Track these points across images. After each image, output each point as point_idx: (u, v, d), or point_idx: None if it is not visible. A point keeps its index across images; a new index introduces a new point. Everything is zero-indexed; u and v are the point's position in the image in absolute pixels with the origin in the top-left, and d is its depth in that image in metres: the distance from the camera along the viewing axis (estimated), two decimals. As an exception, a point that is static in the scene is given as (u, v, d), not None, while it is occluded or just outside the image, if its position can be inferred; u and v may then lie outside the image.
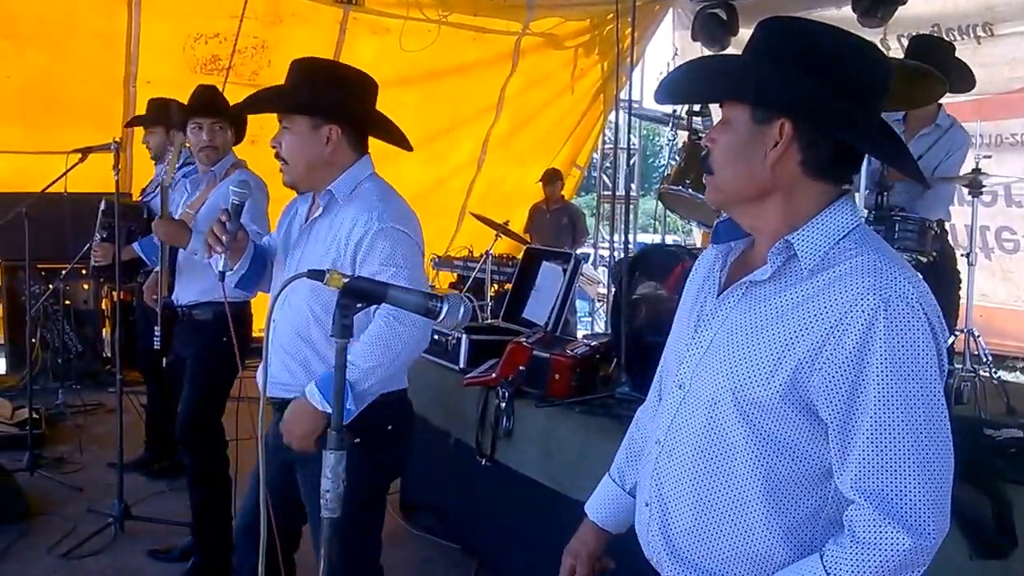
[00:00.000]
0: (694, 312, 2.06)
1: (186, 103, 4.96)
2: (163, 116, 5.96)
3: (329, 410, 2.87)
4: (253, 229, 3.52)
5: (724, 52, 10.42)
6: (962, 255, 5.74)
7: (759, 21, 1.97)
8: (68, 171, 5.50)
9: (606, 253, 12.89)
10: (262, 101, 3.38)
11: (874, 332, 1.70)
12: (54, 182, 5.60)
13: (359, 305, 2.17)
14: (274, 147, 3.15)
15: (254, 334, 5.10)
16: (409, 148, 3.32)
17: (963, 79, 5.81)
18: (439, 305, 2.22)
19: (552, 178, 11.11)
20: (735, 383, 1.85)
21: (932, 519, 1.71)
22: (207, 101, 4.91)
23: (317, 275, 2.17)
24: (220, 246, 3.10)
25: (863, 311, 1.71)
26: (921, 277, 1.82)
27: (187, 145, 4.96)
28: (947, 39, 8.51)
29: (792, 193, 1.88)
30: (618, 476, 2.38)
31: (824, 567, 1.76)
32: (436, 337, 5.34)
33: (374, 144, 3.31)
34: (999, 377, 5.50)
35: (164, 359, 5.20)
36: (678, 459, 1.97)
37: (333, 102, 3.13)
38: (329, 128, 3.09)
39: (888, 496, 1.71)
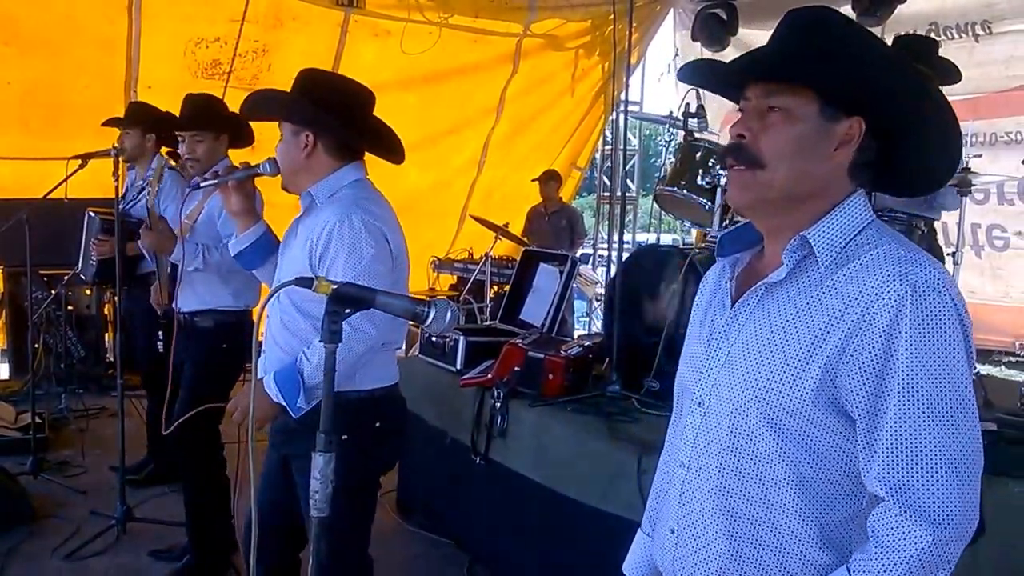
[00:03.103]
0: (705, 327, 2.00)
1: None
2: (141, 118, 6.00)
3: (281, 402, 3.07)
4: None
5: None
6: (948, 254, 5.75)
7: (792, 11, 1.84)
8: (69, 177, 5.52)
9: (605, 254, 12.89)
10: (250, 106, 3.47)
11: (901, 317, 1.64)
12: (55, 188, 5.61)
13: (347, 311, 2.19)
14: (276, 151, 3.29)
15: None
16: (399, 160, 3.40)
17: (948, 74, 5.83)
18: (426, 310, 2.24)
19: (548, 178, 11.10)
20: (760, 391, 1.78)
21: (956, 512, 1.63)
22: (185, 114, 5.02)
23: (305, 282, 2.19)
24: (212, 175, 3.38)
25: (890, 297, 1.65)
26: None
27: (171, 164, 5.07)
28: (940, 37, 8.55)
29: (830, 193, 1.82)
30: (650, 527, 2.25)
31: None
32: (433, 339, 5.39)
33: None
34: (977, 372, 5.50)
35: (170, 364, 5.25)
36: (705, 478, 1.88)
37: (307, 110, 3.23)
38: (306, 135, 3.22)
39: (912, 488, 1.65)
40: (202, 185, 3.40)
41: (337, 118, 3.25)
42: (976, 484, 1.67)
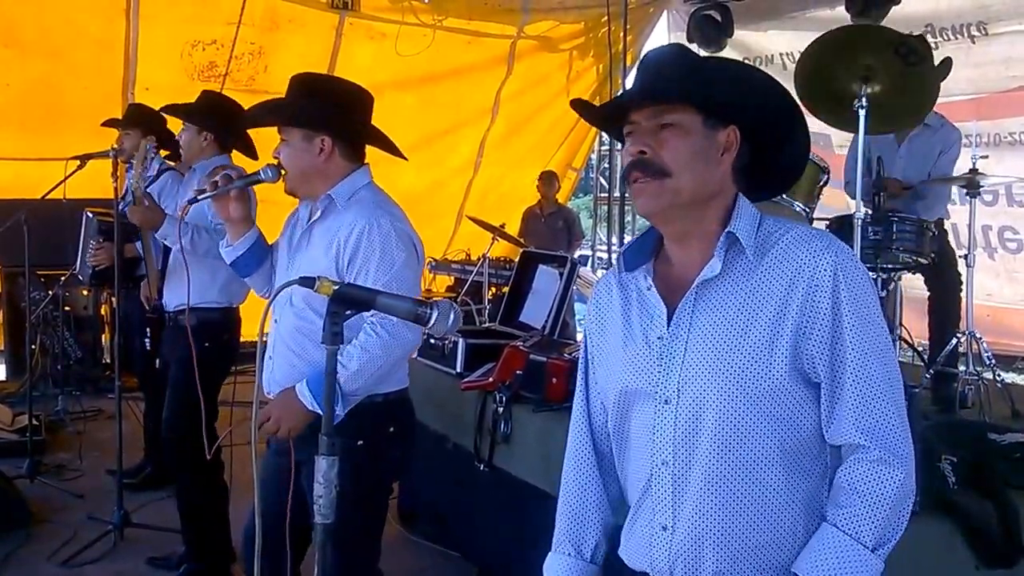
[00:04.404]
0: (637, 335, 2.07)
1: None
2: (140, 119, 5.97)
3: (318, 410, 2.98)
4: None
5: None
6: (961, 256, 5.73)
7: (651, 50, 2.11)
8: (67, 178, 5.52)
9: (604, 255, 12.89)
10: (259, 115, 3.44)
11: (838, 283, 1.88)
12: (53, 188, 5.62)
13: (348, 312, 2.18)
14: (275, 157, 3.24)
15: (248, 339, 5.10)
16: (403, 157, 3.38)
17: (943, 68, 5.81)
18: (428, 311, 2.22)
19: (550, 178, 11.19)
20: (741, 378, 1.90)
21: (908, 445, 1.89)
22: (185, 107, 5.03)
23: (308, 282, 2.18)
24: (211, 186, 3.28)
25: (825, 268, 1.89)
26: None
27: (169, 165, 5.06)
28: (935, 38, 8.58)
29: (723, 196, 2.03)
30: (573, 548, 2.28)
31: (847, 534, 1.87)
32: (432, 341, 5.34)
33: (372, 147, 3.36)
34: (1003, 380, 5.46)
35: (156, 362, 5.21)
36: (696, 470, 1.95)
37: (323, 114, 3.22)
38: (321, 139, 3.19)
39: (883, 430, 1.87)
40: (199, 198, 3.35)
41: (355, 121, 3.26)
42: (906, 415, 1.94)
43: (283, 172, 3.23)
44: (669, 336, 2.00)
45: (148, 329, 5.08)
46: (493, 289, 9.03)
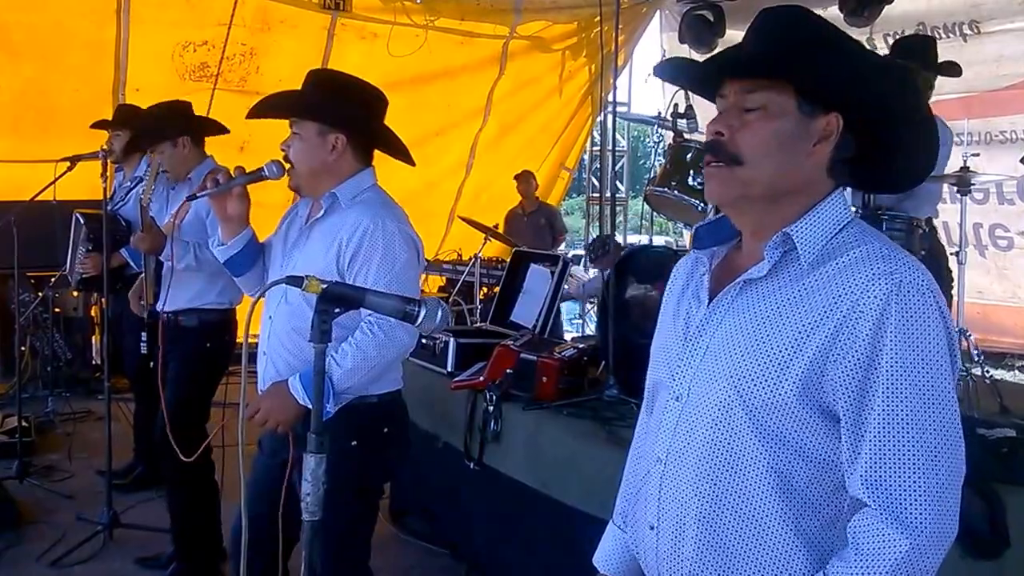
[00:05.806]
0: (680, 320, 1.96)
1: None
2: (129, 120, 5.96)
3: (309, 405, 2.96)
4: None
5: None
6: (952, 253, 5.74)
7: (765, 10, 1.84)
8: (57, 179, 5.52)
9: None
10: (274, 105, 3.38)
11: (887, 317, 1.62)
12: (43, 190, 5.63)
13: (337, 310, 2.17)
14: (283, 150, 3.23)
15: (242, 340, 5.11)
16: (412, 163, 3.39)
17: (950, 67, 5.83)
18: (416, 309, 2.22)
19: (527, 177, 11.32)
20: (743, 387, 1.75)
21: (932, 517, 1.62)
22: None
23: (296, 282, 2.17)
24: (212, 184, 3.25)
25: (876, 296, 1.63)
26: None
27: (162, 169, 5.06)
28: (931, 36, 8.57)
29: (811, 191, 1.80)
30: (622, 521, 2.19)
31: None
32: (424, 341, 5.33)
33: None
34: (991, 376, 5.47)
35: (151, 364, 5.20)
36: (684, 475, 1.83)
37: (341, 112, 3.22)
38: (335, 136, 3.18)
39: (892, 493, 1.63)
40: (199, 195, 3.34)
41: (365, 120, 3.27)
42: (956, 490, 1.66)
43: (287, 167, 3.22)
44: (697, 331, 1.88)
45: (144, 332, 5.05)
46: (485, 289, 9.06)
